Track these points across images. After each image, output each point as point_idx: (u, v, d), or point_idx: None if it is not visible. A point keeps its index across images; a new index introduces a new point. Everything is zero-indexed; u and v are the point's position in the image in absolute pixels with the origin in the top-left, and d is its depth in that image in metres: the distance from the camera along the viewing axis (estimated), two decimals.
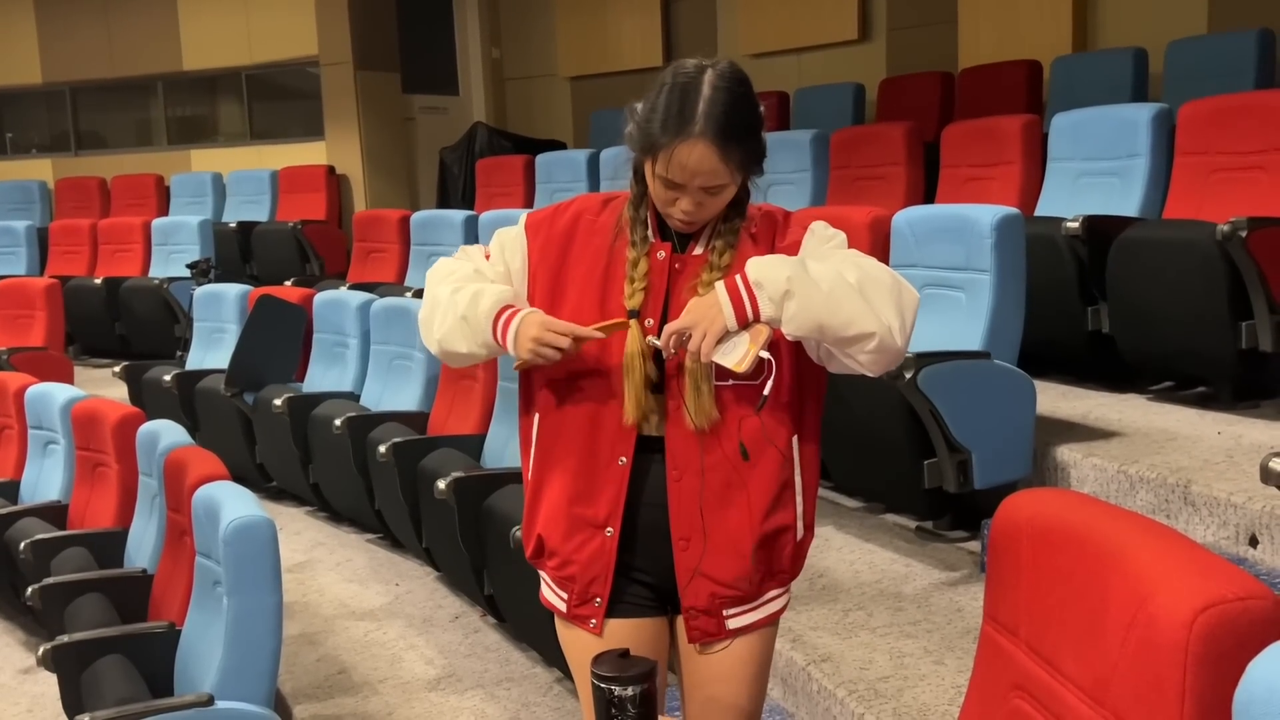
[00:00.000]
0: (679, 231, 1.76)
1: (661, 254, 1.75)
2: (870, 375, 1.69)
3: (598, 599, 1.79)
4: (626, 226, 1.78)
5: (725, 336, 1.64)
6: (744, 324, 1.64)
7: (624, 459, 1.74)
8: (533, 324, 1.71)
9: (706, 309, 1.64)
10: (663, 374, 1.74)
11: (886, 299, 1.64)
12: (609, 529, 1.76)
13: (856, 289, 1.62)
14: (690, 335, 1.64)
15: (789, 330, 1.64)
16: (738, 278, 1.65)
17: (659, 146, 1.66)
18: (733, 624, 1.79)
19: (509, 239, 1.84)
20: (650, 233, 1.77)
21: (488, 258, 1.85)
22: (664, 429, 1.74)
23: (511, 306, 1.76)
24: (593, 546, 1.78)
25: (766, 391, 1.68)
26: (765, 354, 1.64)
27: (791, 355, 1.74)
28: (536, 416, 1.82)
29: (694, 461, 1.72)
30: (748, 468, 1.73)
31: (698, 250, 1.76)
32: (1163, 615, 1.17)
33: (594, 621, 1.80)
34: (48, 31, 10.30)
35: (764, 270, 1.63)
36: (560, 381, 1.79)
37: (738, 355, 1.63)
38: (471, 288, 1.78)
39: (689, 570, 1.75)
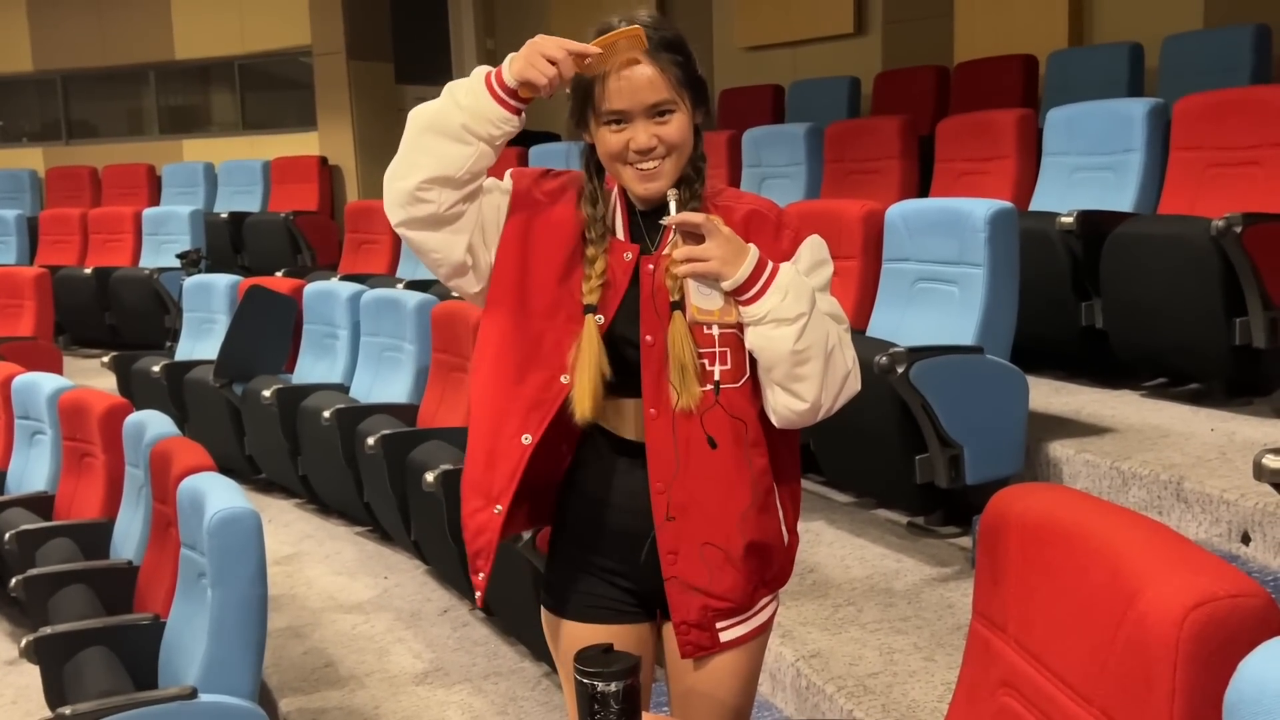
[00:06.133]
0: (645, 200, 1.68)
1: (628, 255, 1.69)
2: (771, 420, 1.68)
3: (480, 573, 1.75)
4: (585, 224, 1.71)
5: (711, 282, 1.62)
6: (735, 297, 1.61)
7: (528, 437, 1.68)
8: (543, 38, 1.58)
9: (734, 253, 1.59)
10: (624, 374, 1.68)
11: (837, 382, 1.65)
12: (498, 506, 1.70)
13: (824, 360, 1.62)
14: (700, 248, 1.58)
15: (748, 341, 1.63)
16: (769, 265, 1.61)
17: (592, 83, 1.62)
18: (726, 636, 1.75)
19: (493, 181, 1.74)
20: (620, 230, 1.72)
21: None
22: (644, 436, 1.69)
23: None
24: (480, 518, 1.73)
25: (718, 377, 1.66)
26: (718, 330, 1.64)
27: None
28: None
29: (673, 472, 1.67)
30: (732, 477, 1.68)
31: (668, 249, 1.67)
32: (1153, 612, 1.16)
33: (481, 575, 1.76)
34: (39, 19, 10.25)
35: (790, 288, 1.60)
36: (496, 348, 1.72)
37: (707, 305, 1.63)
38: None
39: (678, 583, 1.71)
